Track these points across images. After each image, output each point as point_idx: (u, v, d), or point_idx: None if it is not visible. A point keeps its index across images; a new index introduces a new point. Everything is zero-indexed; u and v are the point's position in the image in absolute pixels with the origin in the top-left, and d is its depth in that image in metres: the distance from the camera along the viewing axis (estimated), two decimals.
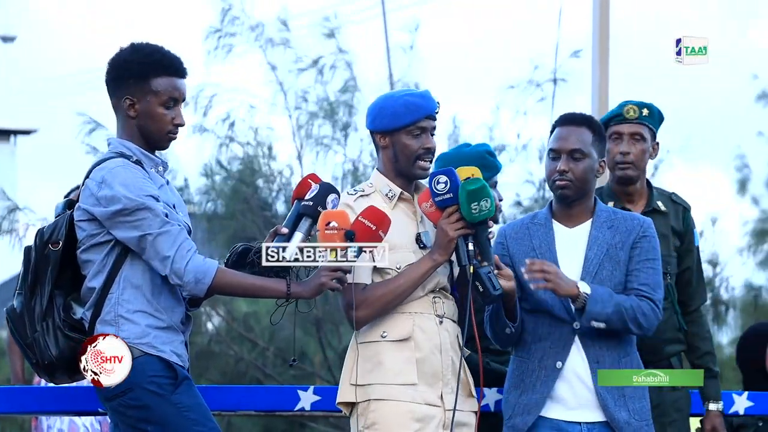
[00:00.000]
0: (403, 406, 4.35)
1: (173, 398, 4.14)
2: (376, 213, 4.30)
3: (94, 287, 4.21)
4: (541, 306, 4.59)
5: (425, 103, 4.52)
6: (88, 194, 4.20)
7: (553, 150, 4.64)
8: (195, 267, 4.14)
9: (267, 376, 9.67)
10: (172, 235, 4.15)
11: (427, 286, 4.46)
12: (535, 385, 4.56)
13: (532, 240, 4.64)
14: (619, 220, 4.68)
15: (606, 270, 4.60)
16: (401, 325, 4.42)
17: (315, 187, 4.35)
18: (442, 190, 4.41)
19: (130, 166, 4.21)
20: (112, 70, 4.30)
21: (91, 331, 4.21)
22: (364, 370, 4.41)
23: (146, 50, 4.30)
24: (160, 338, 4.19)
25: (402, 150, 4.50)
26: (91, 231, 4.21)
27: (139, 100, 4.27)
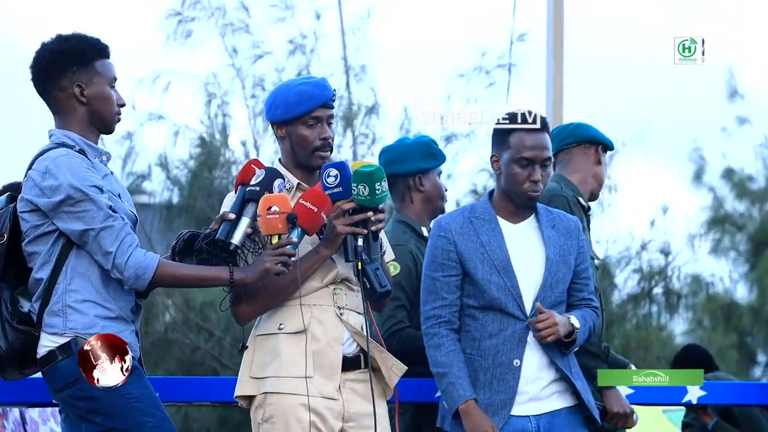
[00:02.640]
0: (297, 399, 4.27)
1: (122, 389, 4.07)
2: (317, 194, 4.25)
3: (41, 278, 4.16)
4: (493, 304, 4.59)
5: (319, 91, 4.41)
6: (32, 185, 4.16)
7: (527, 159, 4.58)
8: (135, 262, 4.11)
9: (223, 366, 9.65)
10: (115, 230, 4.11)
11: (326, 277, 4.36)
12: (492, 384, 4.54)
13: (479, 236, 4.59)
14: (557, 219, 4.69)
15: (561, 271, 4.60)
16: (298, 317, 4.32)
17: (260, 172, 4.31)
18: (332, 183, 4.30)
19: (74, 155, 4.17)
20: (50, 62, 4.25)
21: (39, 323, 4.16)
22: (262, 362, 4.33)
23: (77, 37, 4.29)
24: (109, 328, 4.15)
25: (298, 141, 4.41)
26: (34, 222, 4.17)
27: (87, 85, 4.24)
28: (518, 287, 4.53)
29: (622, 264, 11.40)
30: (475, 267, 4.54)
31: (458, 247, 4.58)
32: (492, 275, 4.53)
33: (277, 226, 4.18)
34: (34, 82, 4.28)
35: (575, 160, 5.43)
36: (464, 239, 4.59)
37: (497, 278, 4.53)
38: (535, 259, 4.59)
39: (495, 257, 4.54)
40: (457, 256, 4.57)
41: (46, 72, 4.25)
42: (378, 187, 4.25)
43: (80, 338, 4.11)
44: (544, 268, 4.56)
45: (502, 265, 4.54)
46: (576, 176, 5.41)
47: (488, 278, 4.53)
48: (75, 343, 4.11)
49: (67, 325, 4.13)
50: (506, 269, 4.53)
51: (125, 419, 4.11)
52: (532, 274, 4.57)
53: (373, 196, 4.27)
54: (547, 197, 5.17)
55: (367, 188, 4.25)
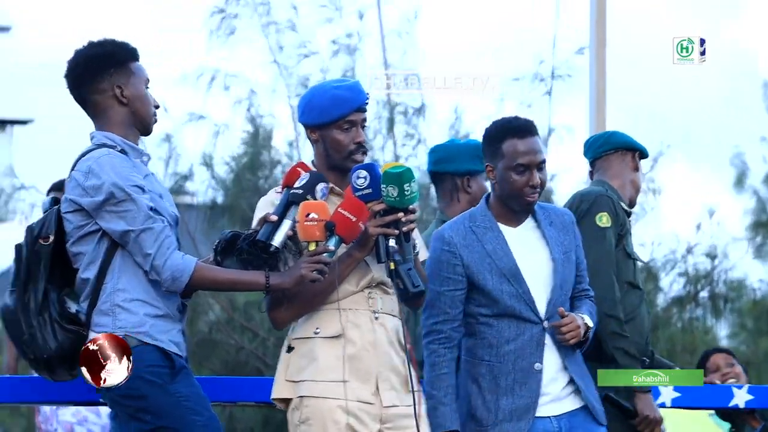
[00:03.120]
0: (333, 403, 4.29)
1: (170, 388, 4.13)
2: (355, 204, 4.26)
3: (88, 278, 4.20)
4: (507, 312, 4.57)
5: (354, 95, 4.42)
6: (75, 185, 4.20)
7: (522, 165, 4.56)
8: (173, 265, 4.14)
9: (268, 366, 9.65)
10: (155, 232, 4.15)
11: (361, 281, 4.38)
12: (514, 389, 4.53)
13: (483, 245, 4.57)
14: (552, 215, 4.68)
15: (567, 269, 4.60)
16: (334, 321, 4.35)
17: (304, 176, 4.33)
18: (362, 185, 4.32)
19: (116, 155, 4.21)
20: (87, 67, 4.31)
21: (88, 323, 4.19)
22: (298, 366, 4.35)
23: (111, 41, 4.36)
24: (158, 327, 4.18)
25: (333, 145, 4.42)
26: (78, 222, 4.20)
27: (125, 86, 4.30)
28: (529, 292, 4.54)
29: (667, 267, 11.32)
30: (484, 278, 4.54)
31: (464, 260, 4.57)
32: (502, 284, 4.53)
33: (315, 233, 4.20)
34: (72, 89, 4.34)
35: (613, 166, 5.45)
36: (469, 251, 4.57)
37: (508, 287, 4.53)
38: (541, 261, 4.58)
39: (502, 265, 4.54)
40: (464, 269, 4.56)
41: (83, 77, 4.31)
42: (407, 188, 4.26)
43: (130, 337, 4.13)
44: (552, 270, 4.56)
45: (511, 273, 4.54)
46: (615, 182, 5.43)
47: (499, 287, 4.53)
48: None
49: (117, 324, 4.15)
50: (515, 276, 4.53)
51: (174, 418, 4.12)
52: (540, 276, 4.56)
53: (403, 197, 4.27)
54: (592, 199, 5.15)
55: (396, 189, 4.26)
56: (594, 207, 5.10)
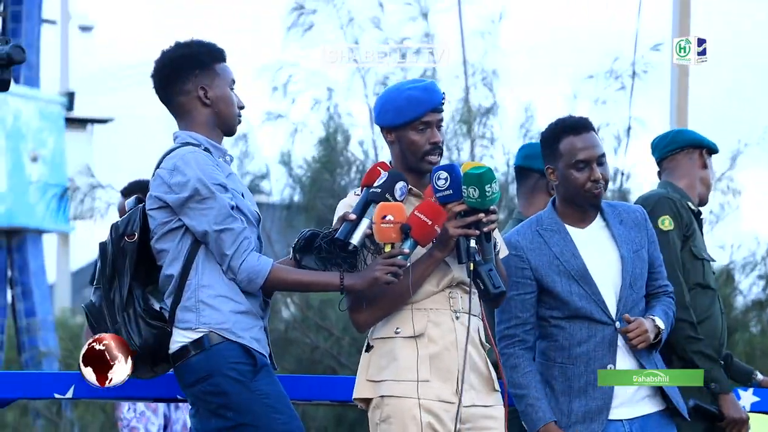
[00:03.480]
0: (414, 403, 4.28)
1: (252, 385, 4.16)
2: (432, 207, 4.26)
3: (172, 274, 4.24)
4: (578, 313, 4.54)
5: (429, 96, 4.41)
6: (160, 182, 4.24)
7: (582, 161, 4.55)
8: (249, 266, 4.18)
9: (342, 366, 9.67)
10: (235, 233, 4.19)
11: (442, 281, 4.37)
12: (587, 391, 4.51)
13: (551, 248, 4.56)
14: (622, 213, 4.64)
15: (638, 268, 4.58)
16: (414, 321, 4.35)
17: (383, 175, 4.34)
18: (442, 186, 4.31)
19: (201, 153, 4.25)
20: (172, 68, 4.34)
21: (172, 319, 4.23)
22: (378, 366, 4.35)
23: (195, 42, 4.39)
24: (241, 323, 4.21)
25: (408, 146, 4.41)
26: (162, 219, 4.24)
27: (210, 88, 4.33)
28: (599, 293, 4.52)
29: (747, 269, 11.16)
30: (553, 281, 4.52)
31: (532, 264, 4.56)
32: (572, 286, 4.51)
33: (391, 235, 4.20)
34: (157, 89, 4.38)
35: (681, 165, 5.39)
36: (536, 254, 4.55)
37: (577, 288, 4.51)
38: (610, 261, 4.56)
39: (571, 267, 4.52)
40: (532, 273, 4.55)
41: (169, 78, 4.35)
42: (488, 188, 4.25)
43: (214, 334, 4.18)
44: (621, 269, 4.54)
45: (580, 274, 4.52)
46: (683, 182, 5.36)
47: (569, 289, 4.51)
48: (208, 339, 4.18)
49: (201, 320, 4.19)
50: (584, 278, 4.52)
51: (256, 415, 4.15)
52: (610, 276, 4.54)
53: (484, 198, 4.26)
54: (653, 202, 5.11)
55: (477, 190, 4.25)
56: (656, 210, 5.06)
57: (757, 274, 11.18)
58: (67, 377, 4.85)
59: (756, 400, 5.19)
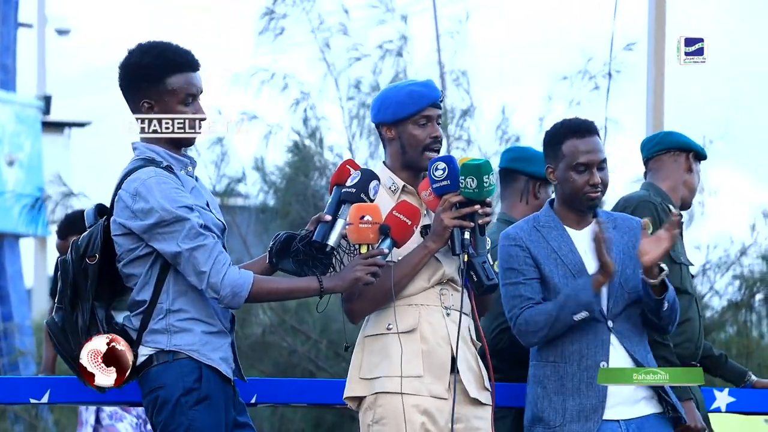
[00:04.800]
0: (408, 399, 4.30)
1: (190, 413, 4.15)
2: (409, 207, 4.28)
3: (144, 300, 4.21)
4: None
5: (429, 91, 4.45)
6: (122, 206, 4.19)
7: (583, 164, 4.59)
8: (231, 281, 4.14)
9: (320, 369, 9.66)
10: (208, 249, 4.14)
11: (433, 277, 4.39)
12: (581, 389, 4.52)
13: (549, 243, 4.58)
14: (618, 220, 4.70)
15: (629, 268, 4.60)
16: (407, 317, 4.36)
17: (356, 174, 4.33)
18: (439, 176, 4.33)
19: (163, 175, 4.18)
20: (125, 76, 4.27)
21: (139, 342, 4.21)
22: (371, 363, 4.37)
23: (155, 50, 4.25)
24: (212, 344, 4.20)
25: (409, 140, 4.44)
26: (128, 246, 4.20)
27: (156, 103, 4.25)
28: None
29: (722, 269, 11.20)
30: (550, 271, 4.55)
31: (532, 253, 4.59)
32: (569, 279, 4.54)
33: (369, 235, 4.21)
34: (120, 90, 4.32)
35: (665, 167, 5.40)
36: (535, 245, 4.59)
37: (573, 282, 4.51)
38: None
39: (569, 261, 4.54)
40: (533, 261, 4.55)
41: (122, 86, 4.29)
42: (486, 180, 4.28)
43: (181, 353, 4.14)
44: None
45: (577, 269, 4.55)
46: (666, 183, 5.37)
47: (565, 282, 4.54)
48: (174, 355, 4.14)
49: (171, 341, 4.17)
50: (581, 273, 4.55)
51: None
52: None
53: (481, 189, 4.30)
54: (634, 204, 5.14)
55: (475, 181, 4.28)
56: (636, 213, 5.08)
57: (732, 274, 11.23)
58: (43, 382, 4.84)
59: (731, 401, 5.20)
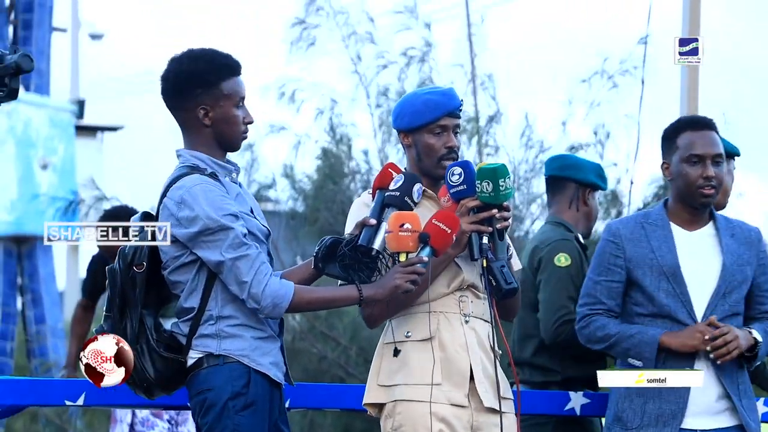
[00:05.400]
0: (426, 407, 4.29)
1: (236, 417, 4.16)
2: (448, 216, 4.27)
3: (192, 307, 4.23)
4: (662, 311, 4.53)
5: (446, 100, 4.44)
6: (168, 214, 4.22)
7: (696, 155, 4.54)
8: (272, 291, 4.15)
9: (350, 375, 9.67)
10: (250, 259, 4.15)
11: (452, 283, 4.39)
12: (662, 393, 4.49)
13: (650, 242, 4.55)
14: (736, 228, 4.63)
15: (736, 280, 4.55)
16: (425, 324, 4.36)
17: (399, 177, 4.35)
18: (456, 181, 4.33)
19: (208, 183, 4.20)
20: (175, 83, 4.28)
21: (189, 347, 4.23)
22: (390, 370, 4.37)
23: (206, 56, 4.29)
24: (262, 349, 4.22)
25: (424, 149, 4.44)
26: (173, 253, 4.22)
27: (212, 107, 4.27)
28: (688, 294, 4.49)
29: None
30: (643, 273, 4.52)
31: (627, 253, 4.56)
32: (660, 282, 4.50)
33: (408, 244, 4.22)
34: (163, 98, 4.33)
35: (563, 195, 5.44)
36: (634, 245, 4.55)
37: (666, 284, 4.50)
38: (709, 267, 4.53)
39: (664, 263, 4.51)
40: (624, 263, 4.55)
41: (173, 92, 4.30)
42: (502, 183, 4.28)
43: (231, 357, 4.15)
44: (719, 276, 4.49)
45: (671, 272, 4.50)
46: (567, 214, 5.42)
47: (656, 284, 4.50)
48: (224, 359, 4.16)
49: (221, 346, 4.18)
50: (675, 275, 4.50)
51: None
52: (704, 281, 4.52)
53: (498, 193, 4.30)
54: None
55: (491, 185, 4.28)
56: None
57: None
58: (78, 384, 4.87)
59: (586, 402, 5.11)
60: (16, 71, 3.93)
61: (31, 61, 3.97)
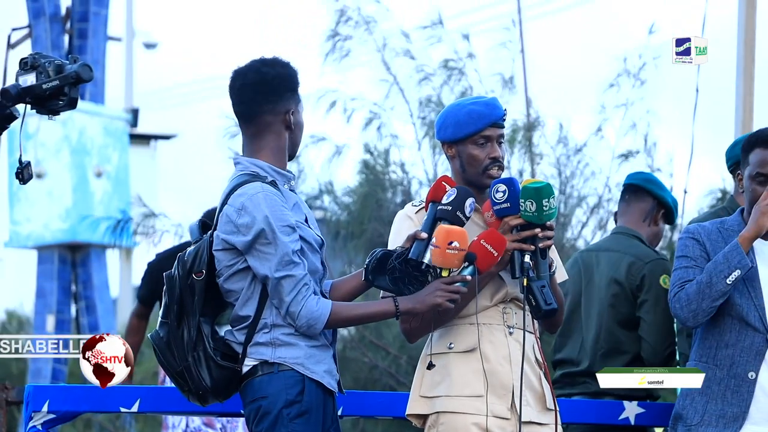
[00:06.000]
0: (469, 419, 4.28)
1: (291, 425, 4.18)
2: (496, 237, 4.27)
3: (248, 315, 4.25)
4: (733, 310, 4.52)
5: (489, 111, 4.43)
6: (227, 221, 4.23)
7: (762, 174, 4.57)
8: (308, 312, 4.18)
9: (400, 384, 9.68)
10: (295, 279, 4.18)
11: (495, 296, 4.38)
12: (725, 395, 4.50)
13: (726, 243, 4.55)
14: None
15: None
16: (468, 335, 4.35)
17: (452, 191, 4.34)
18: (500, 199, 4.32)
19: (270, 191, 4.23)
20: (269, 85, 4.29)
21: (244, 356, 4.25)
22: (432, 382, 4.36)
23: (283, 61, 4.33)
24: (315, 357, 4.24)
25: (468, 160, 4.43)
26: (227, 261, 4.25)
27: (295, 112, 4.33)
28: (762, 299, 4.49)
29: None
30: None
31: (706, 247, 4.57)
32: (737, 285, 4.47)
33: (454, 262, 4.22)
34: (241, 103, 4.31)
35: None
36: (712, 243, 4.59)
37: (741, 285, 4.51)
38: None
39: None
40: (706, 254, 4.52)
41: (261, 94, 4.29)
42: (545, 203, 4.26)
43: (286, 365, 4.18)
44: None
45: (749, 275, 4.49)
46: None
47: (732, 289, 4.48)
48: (278, 367, 4.18)
49: (276, 354, 4.21)
50: (752, 279, 4.52)
51: None
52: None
53: (541, 213, 4.28)
54: None
55: (534, 204, 4.27)
56: None
57: None
58: (133, 391, 4.91)
59: (640, 411, 5.09)
60: (75, 81, 3.97)
61: (90, 71, 4.00)
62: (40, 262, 16.74)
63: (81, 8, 16.46)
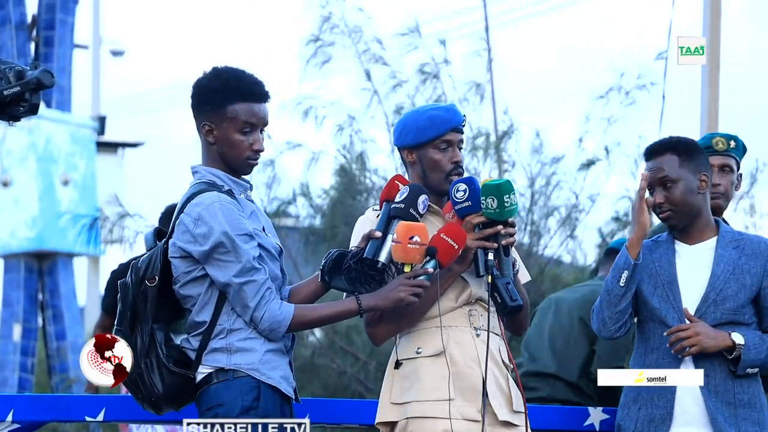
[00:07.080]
0: (439, 424, 4.28)
1: None
2: (456, 230, 4.27)
3: (204, 321, 4.24)
4: (654, 314, 4.61)
5: (450, 116, 4.44)
6: (183, 230, 4.23)
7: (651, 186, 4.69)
8: (270, 316, 4.19)
9: (369, 391, 9.67)
10: (257, 284, 4.19)
11: (460, 297, 4.38)
12: (653, 399, 4.57)
13: (652, 256, 4.63)
14: (745, 241, 4.71)
15: (731, 288, 4.61)
16: (435, 339, 4.35)
17: (404, 189, 4.34)
18: (461, 198, 4.33)
19: (226, 201, 4.22)
20: (193, 96, 4.33)
21: (198, 363, 4.25)
22: (402, 388, 4.36)
23: (224, 76, 4.30)
24: (272, 362, 4.23)
25: (430, 165, 4.43)
26: (184, 268, 4.24)
27: (216, 127, 4.29)
28: (680, 300, 4.60)
29: None
30: (642, 280, 4.63)
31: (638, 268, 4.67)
32: (656, 288, 4.62)
33: (416, 256, 4.22)
34: (191, 109, 4.36)
35: None
36: (643, 261, 4.66)
37: (660, 291, 4.63)
38: (702, 276, 4.61)
39: (661, 272, 4.64)
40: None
41: (191, 103, 4.34)
42: (507, 199, 4.27)
43: (240, 372, 4.17)
44: (707, 284, 4.54)
45: (667, 280, 4.62)
46: None
47: (652, 291, 4.63)
48: (234, 374, 4.17)
49: (231, 360, 4.20)
50: (671, 284, 4.62)
51: None
52: (696, 289, 4.61)
53: (503, 209, 4.29)
54: None
55: (495, 201, 4.28)
56: None
57: None
58: (98, 400, 4.89)
59: (605, 418, 5.11)
60: (37, 87, 3.95)
61: (51, 77, 3.99)
62: (6, 271, 16.64)
63: (47, 16, 16.38)
